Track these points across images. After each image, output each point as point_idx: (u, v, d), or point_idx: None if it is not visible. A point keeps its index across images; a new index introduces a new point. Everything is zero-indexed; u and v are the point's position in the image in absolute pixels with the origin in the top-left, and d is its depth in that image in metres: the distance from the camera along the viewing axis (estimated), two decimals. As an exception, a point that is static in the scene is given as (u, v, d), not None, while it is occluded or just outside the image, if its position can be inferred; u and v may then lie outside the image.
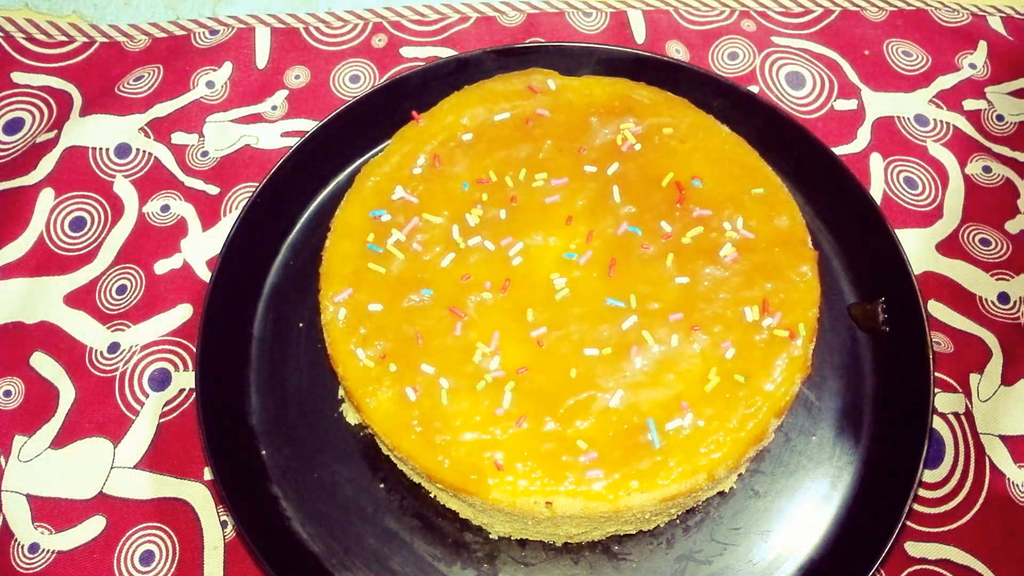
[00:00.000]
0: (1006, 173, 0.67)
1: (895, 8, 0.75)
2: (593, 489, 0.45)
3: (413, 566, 0.52)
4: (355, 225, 0.54)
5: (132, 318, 0.62)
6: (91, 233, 0.65)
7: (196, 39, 0.73)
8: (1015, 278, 0.62)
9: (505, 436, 0.46)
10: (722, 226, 0.52)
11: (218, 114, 0.70)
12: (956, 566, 0.53)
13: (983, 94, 0.71)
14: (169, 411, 0.59)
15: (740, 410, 0.47)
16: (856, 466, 0.54)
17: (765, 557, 0.52)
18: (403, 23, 0.75)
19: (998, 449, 0.56)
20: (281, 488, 0.55)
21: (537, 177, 0.54)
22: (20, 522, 0.55)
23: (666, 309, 0.49)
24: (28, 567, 0.54)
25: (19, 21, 0.75)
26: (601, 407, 0.47)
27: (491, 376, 0.48)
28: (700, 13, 0.75)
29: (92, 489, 0.56)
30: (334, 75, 0.72)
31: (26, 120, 0.70)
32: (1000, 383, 0.59)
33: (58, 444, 0.58)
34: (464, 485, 0.46)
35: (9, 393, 0.59)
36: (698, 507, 0.53)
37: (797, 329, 0.49)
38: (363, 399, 0.48)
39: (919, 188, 0.66)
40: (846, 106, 0.70)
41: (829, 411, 0.56)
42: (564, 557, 0.52)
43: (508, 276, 0.51)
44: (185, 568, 0.54)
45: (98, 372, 0.60)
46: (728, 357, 0.48)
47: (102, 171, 0.68)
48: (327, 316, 0.51)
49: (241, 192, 0.67)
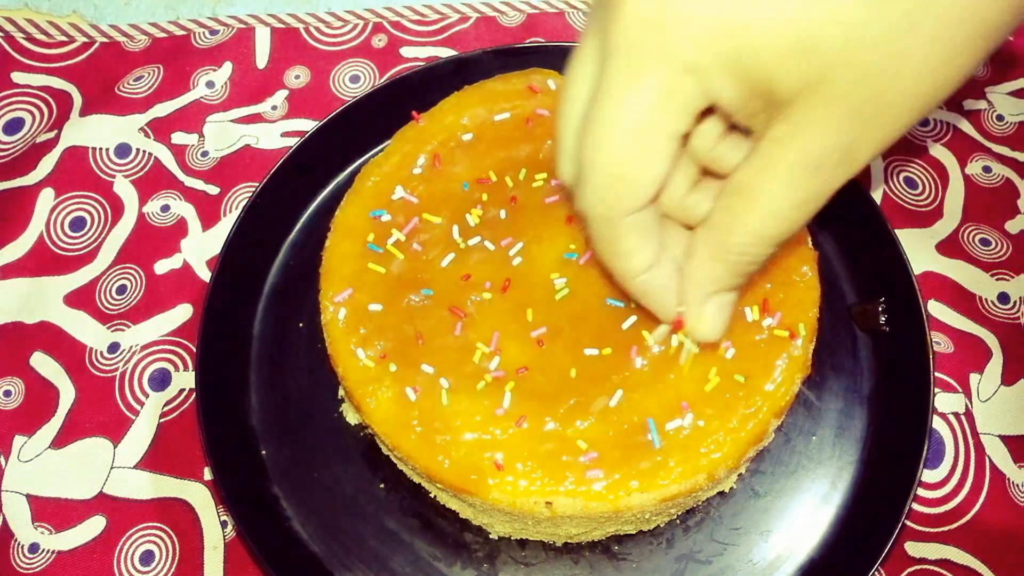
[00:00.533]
0: (1006, 173, 0.67)
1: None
2: (593, 489, 0.45)
3: (413, 566, 0.52)
4: (355, 225, 0.54)
5: (132, 318, 0.62)
6: (91, 233, 0.65)
7: (196, 39, 0.73)
8: (1015, 278, 0.62)
9: (505, 436, 0.46)
10: (722, 226, 0.52)
11: (218, 114, 0.70)
12: (956, 566, 0.53)
13: (983, 94, 0.71)
14: (169, 411, 0.59)
15: (740, 410, 0.47)
16: (856, 466, 0.54)
17: (765, 557, 0.52)
18: (403, 23, 0.75)
19: (998, 449, 0.56)
20: (281, 488, 0.55)
21: (537, 177, 0.54)
22: (20, 522, 0.55)
23: (666, 309, 0.49)
24: (28, 567, 0.54)
25: (19, 21, 0.75)
26: (601, 407, 0.47)
27: (491, 376, 0.48)
28: (700, 13, 0.75)
29: (92, 489, 0.56)
30: (334, 75, 0.72)
31: (26, 120, 0.70)
32: (1000, 383, 0.59)
33: (58, 444, 0.58)
34: (464, 485, 0.46)
35: (9, 393, 0.59)
36: (698, 507, 0.53)
37: (797, 329, 0.49)
38: (363, 399, 0.48)
39: (919, 188, 0.66)
40: (846, 106, 0.70)
41: (829, 411, 0.56)
42: (564, 557, 0.52)
43: (508, 276, 0.51)
44: (185, 568, 0.54)
45: (98, 372, 0.60)
46: (728, 357, 0.48)
47: (102, 171, 0.68)
48: (327, 316, 0.51)
49: (241, 192, 0.67)
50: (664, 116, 0.33)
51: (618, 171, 0.34)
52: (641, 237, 0.37)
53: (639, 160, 0.34)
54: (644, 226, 0.37)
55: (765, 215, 0.35)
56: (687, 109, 0.33)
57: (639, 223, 0.37)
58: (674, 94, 0.32)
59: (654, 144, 0.34)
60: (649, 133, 0.33)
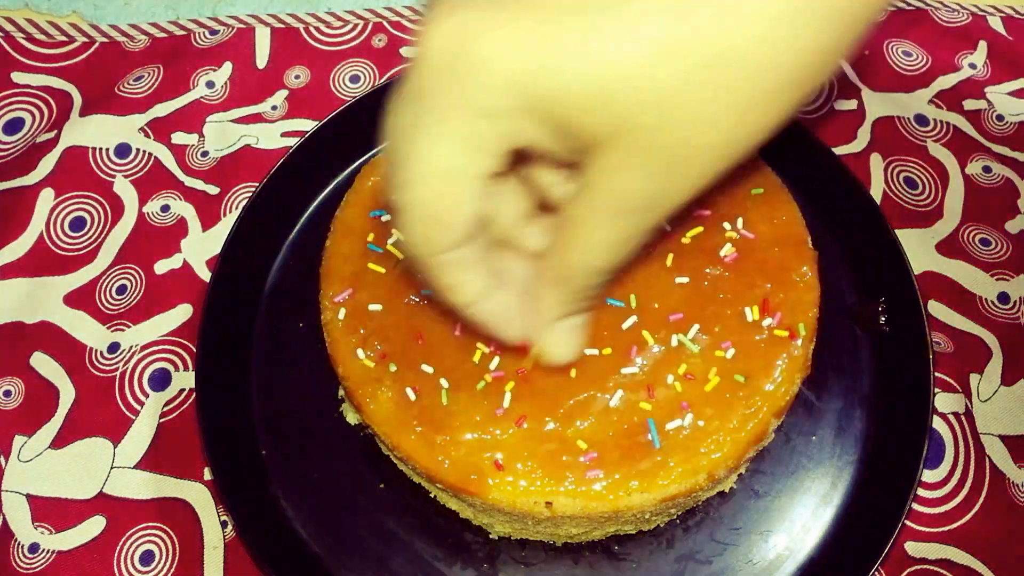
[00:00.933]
0: (1006, 173, 0.67)
1: (895, 8, 0.75)
2: (593, 489, 0.45)
3: (413, 566, 0.52)
4: (355, 225, 0.54)
5: (132, 318, 0.62)
6: (91, 233, 0.65)
7: (196, 39, 0.73)
8: (1015, 278, 0.62)
9: (505, 436, 0.46)
10: (722, 226, 0.52)
11: (218, 114, 0.70)
12: (956, 566, 0.53)
13: (983, 94, 0.71)
14: (169, 411, 0.59)
15: (740, 410, 0.47)
16: (856, 466, 0.54)
17: (765, 557, 0.52)
18: (403, 23, 0.75)
19: (998, 449, 0.56)
20: (281, 488, 0.55)
21: (537, 177, 0.54)
22: (20, 522, 0.55)
23: (666, 309, 0.49)
24: (28, 567, 0.54)
25: (19, 21, 0.75)
26: (601, 407, 0.47)
27: (491, 376, 0.48)
28: (700, 13, 0.75)
29: (92, 489, 0.56)
30: (334, 75, 0.72)
31: (26, 120, 0.70)
32: (1000, 383, 0.59)
33: (58, 444, 0.58)
34: (464, 485, 0.46)
35: (9, 393, 0.59)
36: (698, 507, 0.53)
37: (797, 329, 0.49)
38: (363, 399, 0.48)
39: (919, 188, 0.66)
40: (846, 106, 0.70)
41: (829, 411, 0.56)
42: (564, 557, 0.52)
43: (508, 276, 0.51)
44: (185, 568, 0.54)
45: (98, 372, 0.60)
46: (728, 357, 0.48)
47: (102, 171, 0.68)
48: (327, 316, 0.51)
49: (241, 192, 0.67)
50: (467, 160, 0.34)
51: (427, 213, 0.35)
52: (463, 272, 0.39)
53: (446, 202, 0.35)
54: (464, 262, 0.38)
55: (589, 249, 0.37)
56: (491, 152, 0.34)
57: (458, 259, 0.38)
58: (475, 139, 0.33)
59: (460, 187, 0.35)
60: (453, 177, 0.34)
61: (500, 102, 0.32)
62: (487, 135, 0.33)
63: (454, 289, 0.39)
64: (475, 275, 0.39)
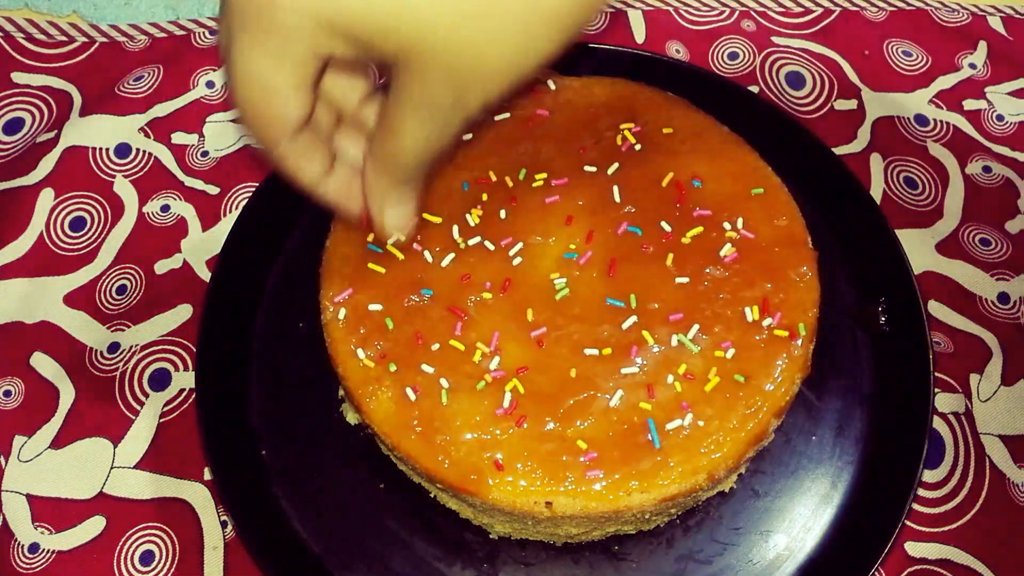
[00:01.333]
0: (1006, 173, 0.67)
1: (895, 8, 0.75)
2: (593, 489, 0.45)
3: (413, 566, 0.52)
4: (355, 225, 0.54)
5: (132, 318, 0.62)
6: (91, 233, 0.65)
7: (196, 39, 0.73)
8: (1015, 278, 0.62)
9: (505, 436, 0.46)
10: (722, 226, 0.52)
11: (218, 114, 0.70)
12: (956, 566, 0.53)
13: (983, 94, 0.71)
14: (169, 411, 0.59)
15: (740, 410, 0.47)
16: (856, 466, 0.54)
17: (765, 557, 0.52)
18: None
19: (998, 449, 0.56)
20: (281, 488, 0.55)
21: (537, 177, 0.54)
22: (20, 522, 0.55)
23: (666, 309, 0.49)
24: (28, 567, 0.54)
25: (19, 21, 0.75)
26: (601, 407, 0.47)
27: (491, 376, 0.48)
28: (700, 13, 0.75)
29: (92, 489, 0.56)
30: (334, 75, 0.72)
31: (26, 120, 0.70)
32: (1000, 383, 0.59)
33: (58, 444, 0.58)
34: (464, 485, 0.46)
35: (9, 393, 0.59)
36: (698, 507, 0.53)
37: (797, 329, 0.49)
38: (363, 399, 0.48)
39: (919, 188, 0.66)
40: (846, 106, 0.70)
41: (829, 411, 0.56)
42: (564, 557, 0.52)
43: (508, 276, 0.51)
44: (185, 568, 0.54)
45: (98, 372, 0.60)
46: (728, 357, 0.48)
47: (102, 171, 0.68)
48: (327, 316, 0.51)
49: (241, 192, 0.67)
50: (278, 71, 0.39)
51: (253, 114, 0.41)
52: (300, 158, 0.44)
53: (268, 105, 0.40)
54: (301, 149, 0.44)
55: (401, 141, 0.42)
56: (301, 63, 0.39)
57: (295, 148, 0.43)
58: (283, 54, 0.38)
59: (281, 92, 0.40)
60: (273, 84, 0.40)
61: (301, 24, 0.37)
62: (294, 50, 0.38)
63: (296, 173, 0.45)
64: (314, 160, 0.45)
